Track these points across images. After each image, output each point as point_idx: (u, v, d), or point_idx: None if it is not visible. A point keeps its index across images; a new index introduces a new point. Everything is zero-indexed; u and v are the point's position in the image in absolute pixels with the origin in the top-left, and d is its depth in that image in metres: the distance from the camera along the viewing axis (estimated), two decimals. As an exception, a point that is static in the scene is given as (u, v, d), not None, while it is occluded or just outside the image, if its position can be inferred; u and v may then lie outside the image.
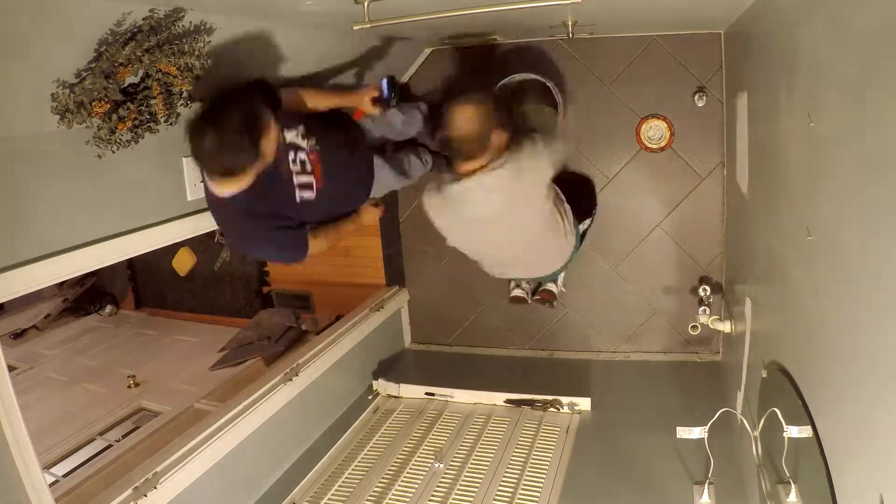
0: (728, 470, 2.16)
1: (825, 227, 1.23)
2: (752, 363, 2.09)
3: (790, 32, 1.52)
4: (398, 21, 1.74)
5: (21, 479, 1.44)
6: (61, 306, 4.67)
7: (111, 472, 2.61)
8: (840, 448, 1.14)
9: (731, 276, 2.89)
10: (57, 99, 1.41)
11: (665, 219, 3.18)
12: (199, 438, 2.13)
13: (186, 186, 1.96)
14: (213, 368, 3.59)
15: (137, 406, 3.43)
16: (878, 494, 0.91)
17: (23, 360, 4.02)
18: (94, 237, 1.65)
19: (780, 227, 1.66)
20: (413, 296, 3.67)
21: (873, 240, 0.96)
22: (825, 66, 1.23)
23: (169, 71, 1.56)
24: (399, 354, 3.56)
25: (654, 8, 2.39)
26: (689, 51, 2.96)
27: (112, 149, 1.55)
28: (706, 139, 3.04)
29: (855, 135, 1.05)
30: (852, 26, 1.06)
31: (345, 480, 2.44)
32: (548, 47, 3.12)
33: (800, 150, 1.44)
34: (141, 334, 4.42)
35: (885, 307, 0.91)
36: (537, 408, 2.84)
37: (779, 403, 1.51)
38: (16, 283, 1.45)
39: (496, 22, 2.47)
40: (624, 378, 3.14)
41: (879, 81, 0.93)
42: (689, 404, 2.67)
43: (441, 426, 2.77)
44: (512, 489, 2.31)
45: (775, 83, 1.68)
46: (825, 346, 1.24)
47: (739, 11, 2.25)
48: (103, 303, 4.81)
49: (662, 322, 3.29)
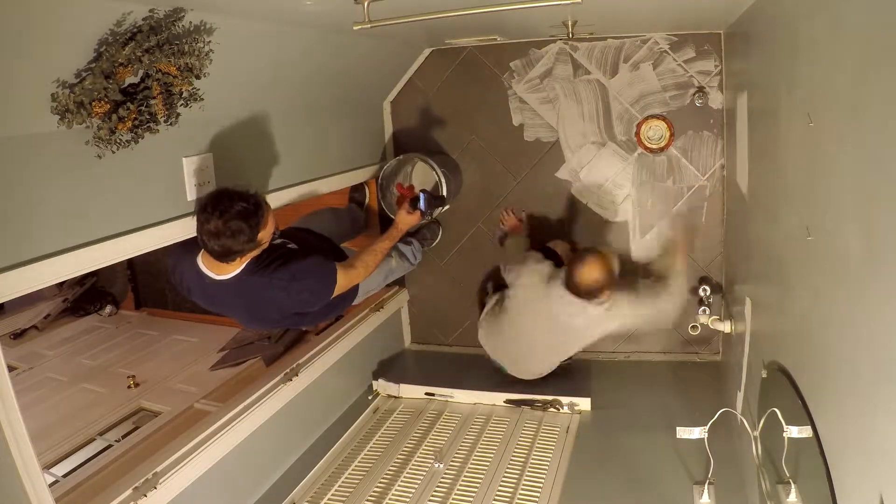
0: (728, 470, 2.16)
1: (825, 227, 1.23)
2: (752, 363, 2.09)
3: (790, 32, 1.52)
4: (398, 21, 1.74)
5: (21, 479, 1.44)
6: (61, 306, 4.67)
7: (111, 472, 2.60)
8: (840, 448, 1.14)
9: (730, 276, 2.89)
10: (57, 99, 1.41)
11: (665, 219, 3.18)
12: (199, 438, 2.13)
13: (186, 186, 1.96)
14: (213, 368, 3.59)
15: (137, 406, 3.42)
16: (878, 494, 0.91)
17: (23, 360, 4.02)
18: (94, 237, 1.65)
19: (780, 227, 1.66)
20: (413, 296, 3.67)
21: (873, 240, 0.96)
22: (825, 65, 1.23)
23: (169, 71, 1.56)
24: (399, 354, 3.56)
25: (654, 8, 2.39)
26: (689, 51, 2.96)
27: (112, 149, 1.55)
28: (706, 139, 3.04)
29: (855, 135, 1.05)
30: (852, 26, 1.06)
31: (345, 480, 2.44)
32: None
33: (800, 150, 1.44)
34: (141, 334, 4.41)
35: (885, 307, 0.91)
36: (537, 408, 2.84)
37: (779, 403, 1.50)
38: (16, 283, 1.45)
39: (496, 22, 2.47)
40: (624, 378, 3.14)
41: (879, 81, 0.93)
42: (689, 404, 2.67)
43: (441, 426, 2.77)
44: (512, 489, 2.31)
45: (775, 83, 1.68)
46: (825, 346, 1.24)
47: (739, 11, 2.25)
48: (103, 303, 4.80)
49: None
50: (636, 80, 3.06)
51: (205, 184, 2.01)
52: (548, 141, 3.26)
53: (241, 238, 1.86)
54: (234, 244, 1.86)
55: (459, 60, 3.28)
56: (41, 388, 3.67)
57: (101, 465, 2.76)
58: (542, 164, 3.30)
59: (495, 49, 3.21)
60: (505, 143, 3.32)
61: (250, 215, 1.86)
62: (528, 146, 3.30)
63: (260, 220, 1.89)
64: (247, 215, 1.85)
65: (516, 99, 3.26)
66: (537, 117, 3.25)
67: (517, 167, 3.34)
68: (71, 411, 3.36)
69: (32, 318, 4.49)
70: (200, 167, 2.00)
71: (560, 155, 3.26)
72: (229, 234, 1.83)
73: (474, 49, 3.24)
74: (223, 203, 1.83)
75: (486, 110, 3.30)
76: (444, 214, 3.28)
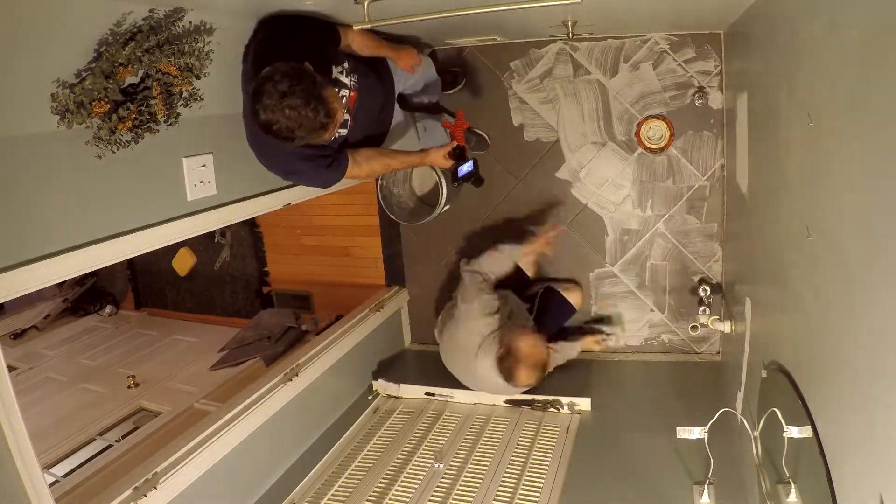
0: (728, 470, 2.16)
1: (825, 227, 1.23)
2: (752, 363, 2.09)
3: (790, 33, 1.52)
4: (398, 21, 1.75)
5: (21, 479, 1.44)
6: (61, 306, 4.67)
7: (111, 472, 2.61)
8: (840, 448, 1.14)
9: (730, 276, 2.89)
10: (57, 99, 1.41)
11: (665, 219, 3.18)
12: (199, 438, 2.13)
13: (186, 186, 1.96)
14: (213, 368, 3.59)
15: (137, 406, 3.42)
16: (878, 494, 0.91)
17: (23, 360, 4.02)
18: (94, 237, 1.65)
19: (780, 227, 1.66)
20: (413, 296, 3.67)
21: (873, 240, 0.96)
22: (825, 66, 1.23)
23: (169, 71, 1.56)
24: (399, 354, 3.56)
25: (655, 8, 2.39)
26: (689, 51, 2.96)
27: (112, 149, 1.55)
28: (706, 139, 3.04)
29: (855, 135, 1.05)
30: (852, 26, 1.06)
31: (345, 480, 2.44)
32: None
33: (800, 150, 1.44)
34: (141, 334, 4.41)
35: (885, 307, 0.91)
36: (537, 408, 2.84)
37: (779, 403, 1.50)
38: (16, 283, 1.45)
39: (496, 22, 2.47)
40: (624, 378, 3.14)
41: (879, 81, 0.93)
42: (689, 404, 2.67)
43: (441, 426, 2.77)
44: (512, 489, 2.31)
45: (775, 83, 1.68)
46: (825, 346, 1.24)
47: (739, 11, 2.25)
48: (103, 303, 4.80)
49: (662, 322, 3.29)
50: (636, 80, 3.06)
51: (205, 183, 2.01)
52: (548, 141, 3.26)
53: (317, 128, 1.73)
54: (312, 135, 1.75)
55: (459, 60, 3.28)
56: (41, 388, 3.67)
57: (101, 465, 2.76)
58: (542, 164, 3.30)
59: (495, 49, 3.21)
60: (505, 144, 3.32)
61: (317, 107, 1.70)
62: (528, 146, 3.30)
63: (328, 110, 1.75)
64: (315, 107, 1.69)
65: (516, 99, 3.26)
66: (537, 117, 3.25)
67: (517, 167, 3.34)
68: (71, 411, 3.36)
69: (32, 318, 4.49)
70: (200, 167, 1.99)
71: (560, 155, 3.26)
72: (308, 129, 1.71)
73: (474, 49, 3.24)
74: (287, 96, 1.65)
75: (486, 110, 3.30)
76: (443, 215, 3.27)
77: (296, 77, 1.63)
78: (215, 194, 2.03)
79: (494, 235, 3.41)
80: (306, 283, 4.17)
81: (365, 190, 3.52)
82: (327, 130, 1.72)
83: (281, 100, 1.61)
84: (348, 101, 2.05)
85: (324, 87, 1.68)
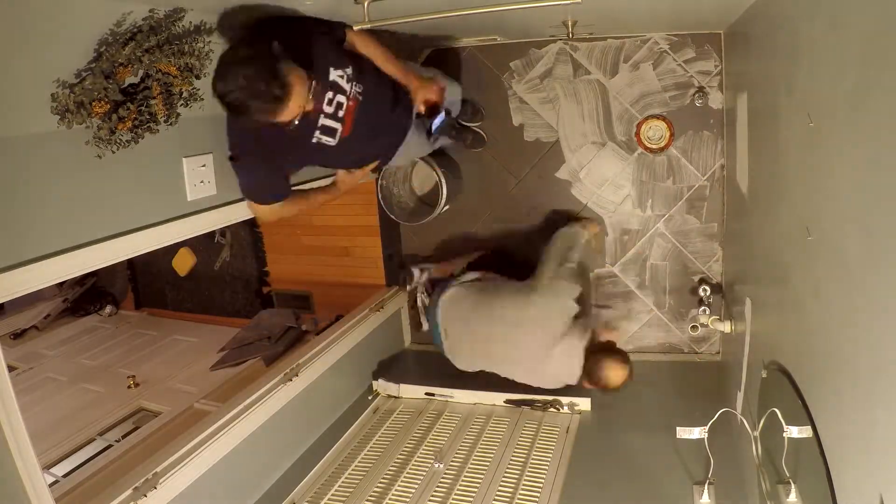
0: (728, 470, 2.16)
1: (825, 227, 1.23)
2: (752, 363, 2.09)
3: (790, 32, 1.52)
4: (398, 21, 1.75)
5: (21, 479, 1.44)
6: (61, 306, 4.67)
7: (111, 472, 2.61)
8: (840, 448, 1.14)
9: (730, 276, 2.89)
10: (57, 99, 1.41)
11: (665, 219, 3.18)
12: (199, 438, 2.13)
13: (186, 186, 1.96)
14: (213, 368, 3.59)
15: (137, 406, 3.42)
16: (878, 494, 0.91)
17: (23, 360, 4.02)
18: (94, 237, 1.65)
19: (780, 227, 1.66)
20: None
21: (873, 240, 0.96)
22: (825, 66, 1.23)
23: (169, 71, 1.56)
24: (399, 354, 3.56)
25: (655, 8, 2.39)
26: (689, 51, 2.96)
27: (112, 149, 1.55)
28: (706, 139, 3.04)
29: (855, 135, 1.05)
30: (852, 26, 1.06)
31: (345, 480, 2.44)
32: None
33: (800, 150, 1.44)
34: (141, 334, 4.41)
35: (885, 307, 0.91)
36: (537, 408, 2.84)
37: (779, 403, 1.51)
38: (16, 283, 1.45)
39: (496, 22, 2.47)
40: (624, 378, 3.14)
41: (879, 81, 0.93)
42: (688, 404, 2.67)
43: (441, 426, 2.77)
44: (512, 489, 2.31)
45: (775, 83, 1.68)
46: (825, 346, 1.24)
47: (739, 12, 2.25)
48: (103, 303, 4.80)
49: (662, 322, 3.29)
50: (636, 80, 3.06)
51: (205, 183, 2.01)
52: (548, 141, 3.27)
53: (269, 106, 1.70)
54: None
55: (459, 60, 3.28)
56: (41, 388, 3.67)
57: (101, 465, 2.76)
58: (542, 164, 3.30)
59: (495, 49, 3.21)
60: (505, 144, 3.33)
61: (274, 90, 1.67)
62: (528, 146, 3.30)
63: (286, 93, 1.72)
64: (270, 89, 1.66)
65: (516, 99, 3.26)
66: (537, 117, 3.25)
67: (517, 167, 3.34)
68: (71, 411, 3.36)
69: (32, 318, 4.50)
70: (200, 167, 1.99)
71: (560, 155, 3.26)
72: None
73: (474, 49, 3.25)
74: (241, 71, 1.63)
75: (486, 110, 3.30)
76: (444, 215, 3.28)
77: (255, 51, 1.63)
78: (215, 194, 2.03)
79: (494, 236, 3.42)
80: (306, 283, 4.17)
81: (365, 190, 3.52)
82: (282, 104, 1.66)
83: (237, 70, 1.60)
84: (346, 110, 1.98)
85: (283, 64, 1.65)
